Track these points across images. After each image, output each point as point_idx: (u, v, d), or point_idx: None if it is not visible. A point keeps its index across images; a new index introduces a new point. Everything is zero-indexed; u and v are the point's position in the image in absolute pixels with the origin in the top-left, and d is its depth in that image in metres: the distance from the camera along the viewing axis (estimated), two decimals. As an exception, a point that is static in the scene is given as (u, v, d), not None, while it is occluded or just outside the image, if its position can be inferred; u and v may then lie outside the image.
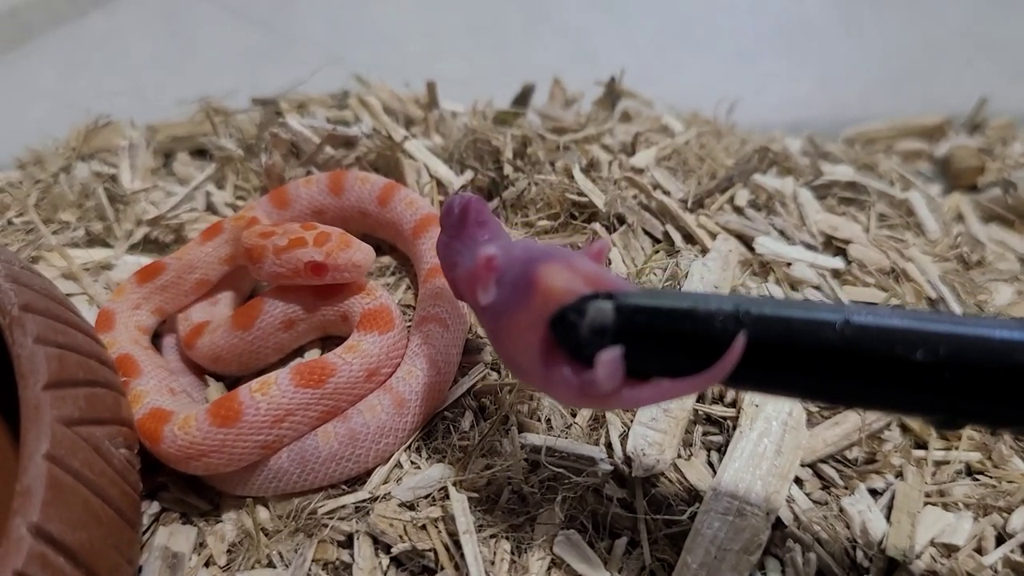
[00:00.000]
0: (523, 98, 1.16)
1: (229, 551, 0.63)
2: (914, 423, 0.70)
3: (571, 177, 0.93)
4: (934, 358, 0.40)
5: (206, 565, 0.62)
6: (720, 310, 0.44)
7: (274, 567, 0.61)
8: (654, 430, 0.66)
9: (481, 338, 0.77)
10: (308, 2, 1.50)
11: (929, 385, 0.41)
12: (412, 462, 0.67)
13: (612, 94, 1.18)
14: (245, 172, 1.00)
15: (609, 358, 0.44)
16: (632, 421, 0.67)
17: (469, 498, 0.62)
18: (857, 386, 0.43)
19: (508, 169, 0.95)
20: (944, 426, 0.66)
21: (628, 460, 0.64)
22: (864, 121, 1.23)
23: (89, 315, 0.80)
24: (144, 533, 0.64)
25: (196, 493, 0.67)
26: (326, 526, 0.62)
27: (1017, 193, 1.03)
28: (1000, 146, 1.16)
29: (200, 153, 1.05)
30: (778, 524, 0.61)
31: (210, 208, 0.97)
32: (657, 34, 1.50)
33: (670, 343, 0.45)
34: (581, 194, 0.90)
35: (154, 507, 0.66)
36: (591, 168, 0.96)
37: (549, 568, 0.59)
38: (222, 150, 1.01)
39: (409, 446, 0.68)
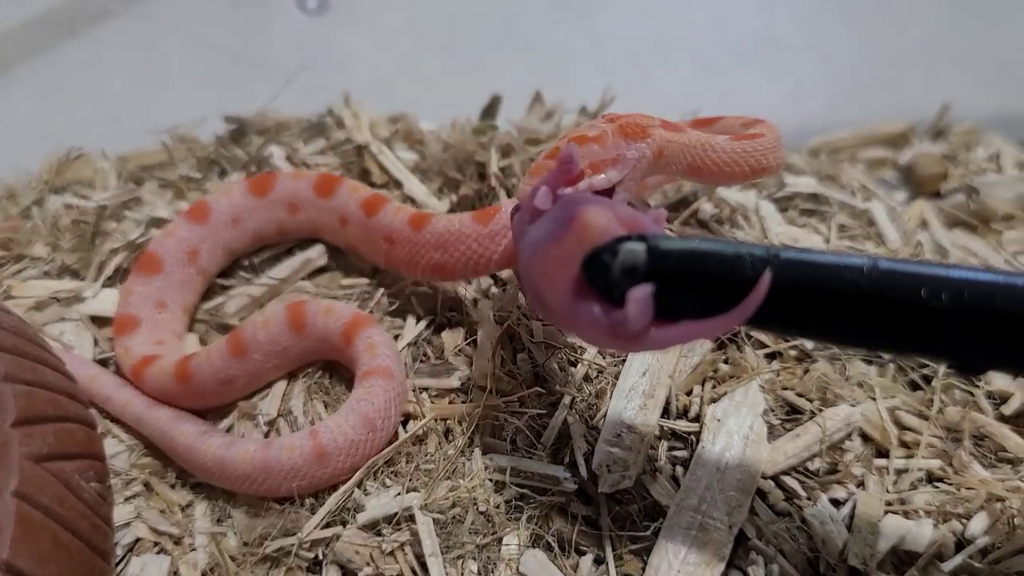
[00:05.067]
0: (491, 109, 1.17)
1: (201, 580, 0.63)
2: (874, 431, 0.71)
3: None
4: (958, 302, 0.41)
5: (179, 594, 0.63)
6: (750, 253, 0.45)
7: (245, 595, 0.62)
8: (619, 447, 0.67)
9: (450, 363, 0.77)
10: (278, 32, 1.52)
11: (952, 329, 0.42)
12: (384, 484, 0.68)
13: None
14: (202, 190, 1.03)
15: (641, 295, 0.45)
16: (597, 439, 0.68)
17: (435, 520, 0.63)
18: (881, 329, 0.44)
19: (495, 181, 0.96)
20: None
21: (594, 477, 0.65)
22: (832, 130, 1.24)
23: (67, 345, 0.81)
24: (118, 564, 0.65)
25: (169, 522, 0.68)
26: (295, 554, 0.63)
27: (979, 198, 1.04)
28: (963, 152, 1.18)
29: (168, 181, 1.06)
30: (741, 537, 0.63)
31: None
32: (627, 50, 1.51)
33: (700, 284, 0.46)
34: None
35: (128, 537, 0.67)
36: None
37: (516, 587, 0.60)
38: (182, 177, 1.04)
39: (378, 471, 0.69)
